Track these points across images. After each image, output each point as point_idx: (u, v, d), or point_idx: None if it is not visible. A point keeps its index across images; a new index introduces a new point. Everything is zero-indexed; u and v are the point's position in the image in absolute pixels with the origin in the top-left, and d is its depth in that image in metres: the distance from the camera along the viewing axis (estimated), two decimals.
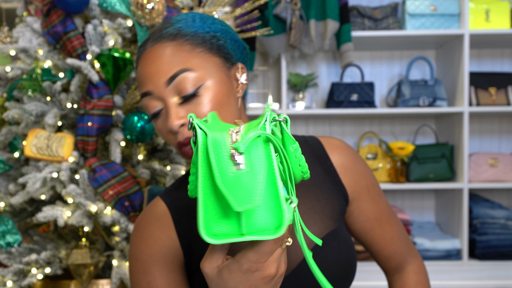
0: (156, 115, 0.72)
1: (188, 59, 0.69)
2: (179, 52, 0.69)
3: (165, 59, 0.69)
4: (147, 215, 0.78)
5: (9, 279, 1.27)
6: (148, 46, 0.72)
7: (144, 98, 0.72)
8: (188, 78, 0.68)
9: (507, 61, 2.66)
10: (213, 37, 0.72)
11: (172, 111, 0.68)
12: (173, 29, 0.71)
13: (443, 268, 2.27)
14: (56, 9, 1.34)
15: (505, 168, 2.38)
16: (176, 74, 0.68)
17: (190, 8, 1.67)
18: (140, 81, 0.72)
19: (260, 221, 0.44)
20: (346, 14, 2.31)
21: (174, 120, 0.68)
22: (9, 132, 1.37)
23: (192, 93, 0.68)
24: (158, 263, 0.73)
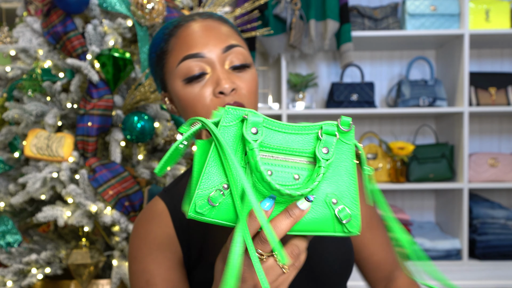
0: (197, 78, 0.71)
1: (238, 40, 0.75)
2: (231, 32, 0.75)
3: (222, 31, 0.73)
4: (145, 213, 0.78)
5: (9, 279, 1.27)
6: (197, 18, 0.75)
7: (189, 59, 0.71)
8: (241, 52, 0.73)
9: (507, 61, 2.66)
10: (241, 36, 0.79)
11: (225, 75, 0.70)
12: (217, 15, 0.76)
13: (443, 268, 2.27)
14: (56, 9, 1.34)
15: (505, 168, 2.38)
16: (234, 45, 0.72)
17: (190, 8, 1.67)
18: (188, 43, 0.72)
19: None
20: (346, 14, 2.31)
21: (227, 82, 0.69)
22: (9, 132, 1.37)
23: (243, 65, 0.73)
24: (156, 260, 0.73)
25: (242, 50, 0.73)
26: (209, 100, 0.70)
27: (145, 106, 1.36)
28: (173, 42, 0.74)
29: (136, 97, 1.32)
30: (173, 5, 1.43)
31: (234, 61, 0.72)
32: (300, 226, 0.48)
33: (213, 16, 0.76)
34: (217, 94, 0.69)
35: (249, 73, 0.73)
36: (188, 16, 0.76)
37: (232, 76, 0.71)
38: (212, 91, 0.70)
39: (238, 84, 0.71)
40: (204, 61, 0.71)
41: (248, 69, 0.73)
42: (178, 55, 0.72)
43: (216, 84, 0.70)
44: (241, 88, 0.71)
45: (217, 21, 0.75)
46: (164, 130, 1.37)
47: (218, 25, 0.74)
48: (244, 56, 0.73)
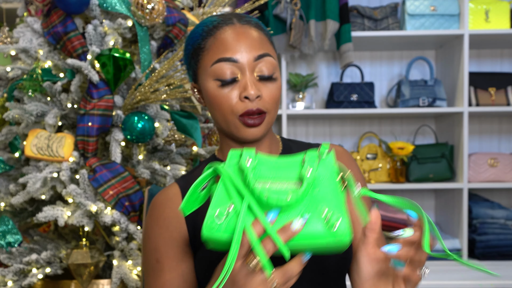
0: (228, 82, 0.78)
1: (270, 49, 0.81)
2: (264, 39, 0.80)
3: (256, 39, 0.78)
4: (160, 196, 0.86)
5: (9, 279, 1.27)
6: (236, 22, 0.80)
7: (222, 62, 0.77)
8: (270, 62, 0.78)
9: (506, 61, 2.67)
10: (272, 43, 0.84)
11: (252, 82, 0.77)
12: (254, 21, 0.82)
13: (442, 268, 2.27)
14: (56, 10, 1.34)
15: (504, 168, 2.39)
16: (265, 54, 0.78)
17: (190, 8, 1.68)
18: (225, 47, 0.77)
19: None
20: (346, 14, 2.31)
21: (253, 89, 0.76)
22: (9, 132, 1.37)
23: (269, 76, 0.79)
24: (166, 241, 0.80)
25: (272, 60, 0.79)
26: (235, 102, 0.78)
27: (145, 106, 1.37)
28: (211, 42, 0.79)
29: (136, 97, 1.32)
30: (173, 5, 1.43)
31: (263, 70, 0.78)
32: (294, 241, 0.53)
33: (251, 22, 0.81)
34: (243, 98, 0.77)
35: (274, 84, 0.79)
36: (227, 17, 0.81)
37: (258, 84, 0.78)
38: (238, 95, 0.77)
39: (263, 93, 0.78)
40: (236, 65, 0.77)
41: (274, 80, 0.79)
42: (213, 55, 0.78)
43: (243, 89, 0.77)
44: (265, 97, 0.78)
45: (253, 28, 0.80)
46: (164, 130, 1.37)
47: (254, 32, 0.79)
48: (273, 66, 0.79)
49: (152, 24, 1.35)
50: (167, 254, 0.80)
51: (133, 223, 1.30)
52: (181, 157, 1.49)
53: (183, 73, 1.40)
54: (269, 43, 0.81)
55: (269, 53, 0.79)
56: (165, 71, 1.31)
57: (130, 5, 1.34)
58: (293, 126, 2.69)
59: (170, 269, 0.79)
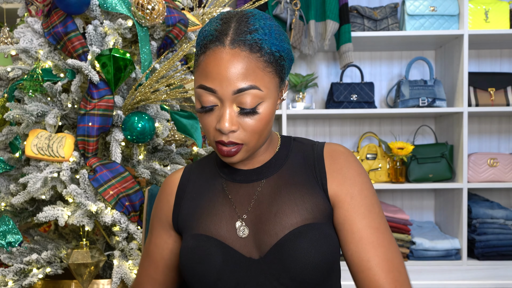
0: (207, 110, 0.76)
1: (260, 78, 0.74)
2: (254, 67, 0.73)
3: (241, 69, 0.72)
4: (163, 185, 0.93)
5: (10, 279, 1.28)
6: (226, 44, 0.73)
7: (202, 89, 0.75)
8: (253, 95, 0.74)
9: (506, 61, 2.67)
10: (280, 57, 0.77)
11: (228, 116, 0.74)
12: (252, 38, 0.73)
13: (442, 268, 2.28)
14: (56, 10, 1.34)
15: (504, 168, 2.39)
16: (246, 88, 0.73)
17: (190, 8, 1.68)
18: (206, 74, 0.74)
19: None
20: (345, 14, 2.32)
21: (228, 124, 0.74)
22: (10, 132, 1.37)
23: (251, 110, 0.74)
24: (158, 223, 0.91)
25: (256, 93, 0.73)
26: (213, 132, 0.77)
27: (145, 106, 1.37)
28: (201, 59, 0.76)
29: (137, 98, 1.33)
30: (173, 6, 1.44)
31: (244, 103, 0.74)
32: None
33: (244, 45, 0.73)
34: (218, 129, 0.76)
35: (257, 117, 0.75)
36: (224, 30, 0.74)
37: (237, 117, 0.75)
38: (215, 124, 0.76)
39: (242, 124, 0.75)
40: (216, 96, 0.74)
41: (256, 114, 0.75)
42: (198, 78, 0.76)
43: (217, 121, 0.75)
44: (243, 129, 0.75)
45: (244, 52, 0.73)
46: (164, 130, 1.38)
47: (243, 58, 0.72)
48: (257, 98, 0.74)
49: (152, 24, 1.35)
50: (157, 234, 0.91)
51: (134, 223, 1.30)
52: (181, 157, 1.49)
53: (183, 73, 1.40)
54: (262, 68, 0.74)
55: (253, 85, 0.73)
56: (165, 71, 1.31)
57: (131, 5, 1.35)
58: (293, 126, 2.69)
59: (155, 244, 0.91)
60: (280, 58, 0.76)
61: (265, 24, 0.75)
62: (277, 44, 0.75)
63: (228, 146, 0.76)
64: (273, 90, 0.77)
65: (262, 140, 0.79)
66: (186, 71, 1.57)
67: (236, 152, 0.76)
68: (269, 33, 0.75)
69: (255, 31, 0.74)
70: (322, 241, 0.76)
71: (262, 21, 0.75)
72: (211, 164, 0.90)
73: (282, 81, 0.80)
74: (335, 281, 0.82)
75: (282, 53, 0.77)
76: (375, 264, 0.76)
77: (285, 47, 0.78)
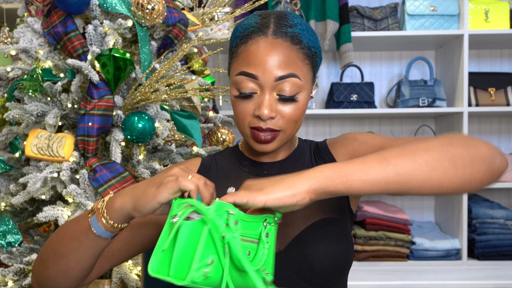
0: (246, 96, 0.78)
1: (299, 68, 0.78)
2: (295, 57, 0.77)
3: (283, 58, 0.76)
4: (183, 162, 0.97)
5: (10, 279, 1.28)
6: (269, 34, 0.77)
7: (243, 76, 0.77)
8: (293, 83, 0.77)
9: (506, 61, 2.67)
10: (315, 54, 0.81)
11: (268, 102, 0.76)
12: (292, 32, 0.78)
13: (442, 268, 2.28)
14: (56, 10, 1.34)
15: None
16: (288, 75, 0.76)
17: (190, 8, 1.68)
18: (248, 61, 0.77)
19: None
20: (346, 14, 2.31)
21: (268, 110, 0.76)
22: (10, 132, 1.37)
23: (290, 98, 0.77)
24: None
25: (296, 81, 0.77)
26: (249, 118, 0.79)
27: (145, 106, 1.37)
28: (241, 49, 0.79)
29: (137, 97, 1.33)
30: (173, 6, 1.44)
31: (284, 90, 0.76)
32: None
33: (286, 36, 0.77)
34: (256, 116, 0.77)
35: (295, 105, 0.78)
36: (265, 23, 0.78)
37: (277, 104, 0.78)
38: (253, 111, 0.78)
39: (280, 113, 0.78)
40: (257, 82, 0.77)
41: (295, 101, 0.78)
42: (239, 66, 0.78)
43: (258, 107, 0.77)
44: (282, 115, 0.78)
45: (287, 42, 0.77)
46: (164, 130, 1.38)
47: (285, 48, 0.76)
48: (297, 86, 0.77)
49: (152, 24, 1.35)
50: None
51: None
52: (181, 157, 1.49)
53: (183, 73, 1.40)
54: (300, 60, 0.78)
55: (294, 73, 0.76)
56: (165, 71, 1.31)
57: (130, 5, 1.35)
58: None
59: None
60: (315, 54, 0.81)
61: (302, 22, 0.81)
62: (313, 40, 0.80)
63: (265, 133, 0.78)
64: (309, 82, 0.81)
65: (296, 129, 0.82)
66: (186, 71, 1.56)
67: (272, 139, 0.79)
68: (306, 30, 0.80)
69: (294, 26, 0.78)
70: (340, 235, 0.80)
71: (298, 19, 0.81)
72: (228, 158, 0.92)
73: (314, 77, 0.83)
74: (347, 275, 0.85)
75: (317, 50, 0.81)
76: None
77: (319, 45, 0.83)
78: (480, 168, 0.66)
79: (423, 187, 0.64)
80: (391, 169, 0.63)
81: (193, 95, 1.41)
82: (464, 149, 0.65)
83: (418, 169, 0.64)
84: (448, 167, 0.64)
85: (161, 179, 0.63)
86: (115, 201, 0.67)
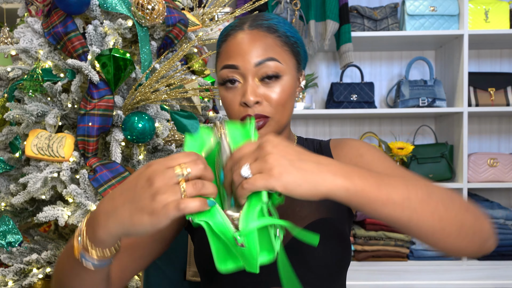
0: (230, 87, 0.81)
1: (278, 53, 0.80)
2: (273, 44, 0.80)
3: (261, 45, 0.79)
4: None
5: (10, 279, 1.28)
6: (245, 28, 0.81)
7: (226, 69, 0.81)
8: (274, 66, 0.79)
9: (506, 61, 2.67)
10: (295, 43, 0.84)
11: (251, 88, 0.79)
12: (268, 23, 0.82)
13: (442, 268, 2.28)
14: (56, 10, 1.34)
15: (504, 168, 2.39)
16: (266, 59, 0.79)
17: (190, 8, 1.68)
18: (228, 54, 0.81)
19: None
20: (345, 14, 2.31)
21: (251, 95, 0.78)
22: (10, 132, 1.37)
23: (272, 76, 0.79)
24: None
25: (277, 64, 0.79)
26: (237, 107, 0.81)
27: (145, 106, 1.37)
28: (223, 48, 0.83)
29: (137, 97, 1.33)
30: (173, 6, 1.44)
31: (265, 73, 0.79)
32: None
33: (262, 27, 0.81)
34: (242, 104, 0.79)
35: (280, 84, 0.80)
36: (243, 21, 0.83)
37: (261, 88, 0.80)
38: (240, 100, 0.80)
39: (266, 97, 0.79)
40: (238, 72, 0.80)
41: (279, 80, 0.80)
42: (221, 61, 0.82)
43: (242, 95, 0.79)
44: (267, 100, 0.80)
45: (263, 32, 0.80)
46: (164, 130, 1.38)
47: (260, 37, 0.80)
48: (278, 69, 0.79)
49: (152, 24, 1.35)
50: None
51: None
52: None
53: (183, 73, 1.40)
54: (279, 46, 0.81)
55: (272, 57, 0.79)
56: (165, 71, 1.31)
57: (131, 5, 1.35)
58: (293, 126, 2.69)
59: None
60: (295, 43, 0.83)
61: (279, 18, 0.84)
62: (291, 31, 0.83)
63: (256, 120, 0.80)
64: (292, 68, 0.83)
65: (286, 115, 0.82)
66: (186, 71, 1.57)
67: (263, 125, 0.80)
68: (283, 22, 0.84)
69: (270, 19, 0.82)
70: (337, 236, 0.80)
71: (273, 15, 0.85)
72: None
73: (299, 66, 0.85)
74: (345, 276, 0.85)
75: (296, 40, 0.84)
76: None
77: (299, 37, 0.85)
78: (475, 243, 0.65)
79: (420, 236, 0.63)
80: (408, 213, 0.60)
81: (193, 95, 1.41)
82: (474, 219, 0.64)
83: (429, 224, 0.61)
84: (455, 231, 0.62)
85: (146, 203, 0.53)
86: (98, 233, 0.58)
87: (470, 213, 0.64)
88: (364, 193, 0.57)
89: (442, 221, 0.61)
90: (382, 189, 0.58)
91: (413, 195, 0.59)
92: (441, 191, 0.64)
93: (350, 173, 0.57)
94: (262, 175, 0.54)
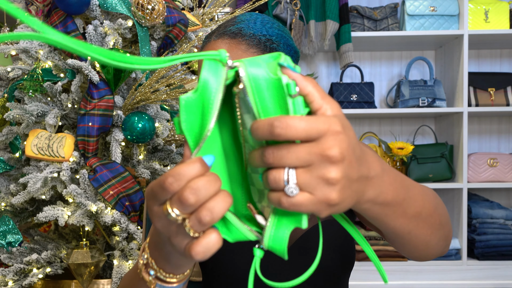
0: None
1: (241, 57, 0.76)
2: (234, 49, 0.76)
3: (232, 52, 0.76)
4: None
5: (10, 279, 1.28)
6: (212, 39, 0.80)
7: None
8: None
9: (506, 61, 2.67)
10: (268, 40, 0.78)
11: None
12: (235, 28, 0.78)
13: (442, 268, 2.28)
14: (57, 10, 1.34)
15: (504, 168, 2.39)
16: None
17: (190, 8, 1.68)
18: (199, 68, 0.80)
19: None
20: (345, 14, 2.32)
21: None
22: (10, 132, 1.37)
23: None
24: None
25: None
26: None
27: (145, 106, 1.37)
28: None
29: (137, 98, 1.33)
30: (173, 6, 1.44)
31: None
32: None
33: (225, 34, 0.77)
34: None
35: None
36: (213, 30, 0.82)
37: None
38: None
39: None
40: None
41: None
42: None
43: None
44: None
45: (225, 40, 0.77)
46: (164, 130, 1.38)
47: (224, 45, 0.77)
48: None
49: (152, 24, 1.35)
50: None
51: (134, 223, 1.30)
52: (181, 157, 1.49)
53: (183, 73, 1.40)
54: (243, 50, 0.75)
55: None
56: (165, 71, 1.31)
57: (131, 5, 1.35)
58: None
59: None
60: (267, 41, 0.78)
61: (251, 17, 0.80)
62: (261, 29, 0.78)
63: None
64: None
65: None
66: (186, 71, 1.56)
67: None
68: (253, 22, 0.79)
69: (238, 23, 0.79)
70: (342, 237, 0.81)
71: (248, 16, 0.80)
72: None
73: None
74: (348, 277, 0.86)
75: (269, 37, 0.78)
76: None
77: (274, 32, 0.79)
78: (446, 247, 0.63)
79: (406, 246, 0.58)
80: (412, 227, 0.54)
81: None
82: (450, 228, 0.63)
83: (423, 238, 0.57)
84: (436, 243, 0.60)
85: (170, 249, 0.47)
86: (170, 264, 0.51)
87: (448, 222, 0.62)
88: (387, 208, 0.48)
89: (433, 235, 0.57)
90: (404, 204, 0.50)
91: (425, 210, 0.54)
92: (441, 205, 0.61)
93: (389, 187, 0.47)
94: (317, 200, 0.37)
